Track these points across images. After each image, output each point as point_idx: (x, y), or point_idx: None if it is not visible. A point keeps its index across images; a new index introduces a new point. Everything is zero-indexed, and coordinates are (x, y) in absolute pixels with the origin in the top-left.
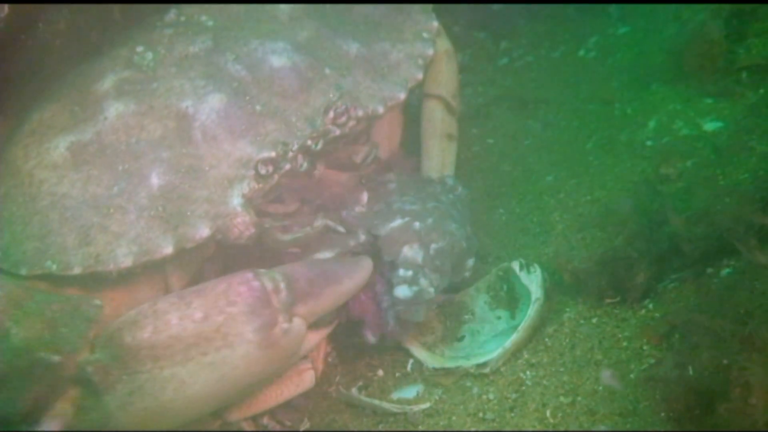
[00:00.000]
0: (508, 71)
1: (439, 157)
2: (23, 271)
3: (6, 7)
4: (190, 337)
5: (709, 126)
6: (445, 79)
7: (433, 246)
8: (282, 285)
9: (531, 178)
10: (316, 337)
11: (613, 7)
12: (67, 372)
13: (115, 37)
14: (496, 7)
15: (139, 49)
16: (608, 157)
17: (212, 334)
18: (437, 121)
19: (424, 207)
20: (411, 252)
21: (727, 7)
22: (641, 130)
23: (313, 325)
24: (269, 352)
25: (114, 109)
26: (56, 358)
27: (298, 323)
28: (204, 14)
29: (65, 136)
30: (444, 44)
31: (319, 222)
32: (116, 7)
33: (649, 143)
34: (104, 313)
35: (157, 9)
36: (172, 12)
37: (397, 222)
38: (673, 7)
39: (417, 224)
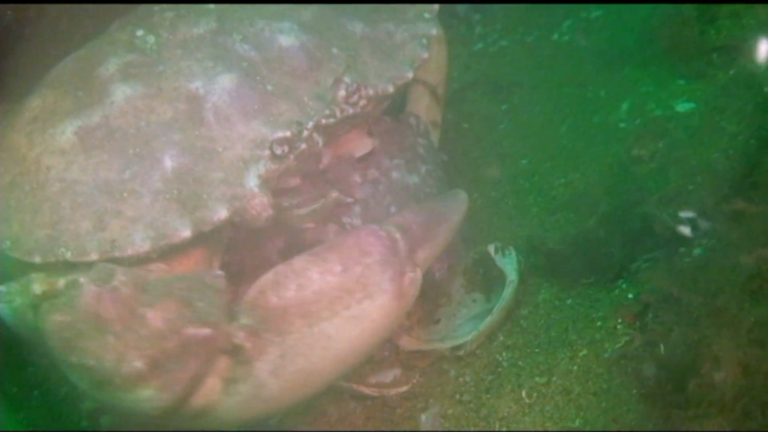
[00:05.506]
0: (482, 56)
1: None
2: (37, 259)
3: None
4: (334, 290)
5: (682, 107)
6: (434, 66)
7: None
8: (397, 235)
9: (506, 161)
10: None
11: None
12: (217, 344)
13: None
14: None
15: (139, 33)
16: (582, 139)
17: (353, 286)
18: (423, 107)
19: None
20: None
21: None
22: (614, 112)
23: None
24: (399, 303)
25: (121, 92)
26: (207, 331)
27: (419, 273)
28: None
29: (71, 121)
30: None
31: (334, 193)
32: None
33: (622, 125)
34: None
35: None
36: None
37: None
38: None
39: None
